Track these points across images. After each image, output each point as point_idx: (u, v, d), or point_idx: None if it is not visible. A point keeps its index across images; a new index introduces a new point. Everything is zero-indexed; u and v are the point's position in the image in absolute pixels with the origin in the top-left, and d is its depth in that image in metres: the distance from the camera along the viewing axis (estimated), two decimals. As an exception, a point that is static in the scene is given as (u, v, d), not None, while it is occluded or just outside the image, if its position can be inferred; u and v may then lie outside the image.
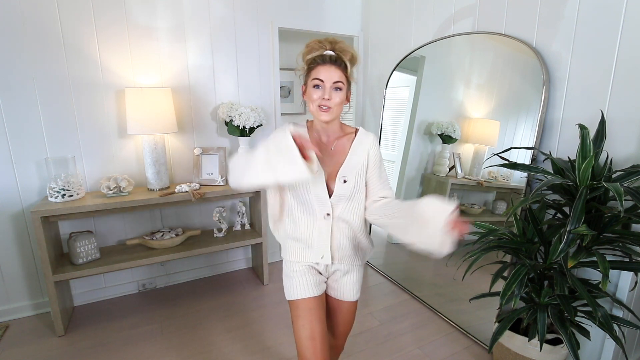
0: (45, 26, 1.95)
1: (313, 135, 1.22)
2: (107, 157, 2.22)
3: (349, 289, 1.28)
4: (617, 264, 1.36)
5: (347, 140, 1.22)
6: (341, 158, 1.19)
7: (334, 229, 1.20)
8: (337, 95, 1.11)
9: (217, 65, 2.44)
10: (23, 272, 2.14)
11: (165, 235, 2.31)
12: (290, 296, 1.22)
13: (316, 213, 1.19)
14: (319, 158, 1.15)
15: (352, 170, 1.18)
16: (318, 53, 1.11)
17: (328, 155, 1.20)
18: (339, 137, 1.22)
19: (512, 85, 1.95)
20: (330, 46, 1.12)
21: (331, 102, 1.10)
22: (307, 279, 1.21)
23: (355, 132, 1.24)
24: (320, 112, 1.12)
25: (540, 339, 1.40)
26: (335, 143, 1.21)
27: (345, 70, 1.12)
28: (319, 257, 1.22)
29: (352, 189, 1.18)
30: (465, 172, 2.21)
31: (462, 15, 2.16)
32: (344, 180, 1.17)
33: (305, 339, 1.15)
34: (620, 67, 1.47)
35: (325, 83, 1.10)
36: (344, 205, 1.19)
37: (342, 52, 1.12)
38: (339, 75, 1.10)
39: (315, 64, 1.11)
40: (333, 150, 1.20)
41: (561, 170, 1.45)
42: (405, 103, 2.61)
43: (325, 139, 1.21)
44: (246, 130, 2.34)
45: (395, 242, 2.76)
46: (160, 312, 2.24)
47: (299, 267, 1.23)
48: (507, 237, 1.61)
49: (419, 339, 2.00)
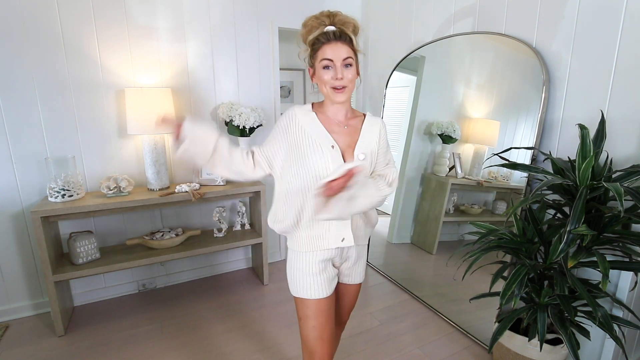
0: (45, 26, 1.95)
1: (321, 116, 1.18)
2: (107, 157, 2.22)
3: (359, 272, 1.28)
4: (617, 264, 1.36)
5: (358, 121, 1.20)
6: (355, 136, 1.17)
7: None
8: (348, 72, 1.07)
9: (217, 65, 2.44)
10: (23, 272, 2.14)
11: (165, 235, 2.31)
12: (300, 294, 1.15)
13: None
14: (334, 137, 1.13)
15: (367, 147, 1.16)
16: (319, 31, 1.06)
17: (342, 134, 1.16)
18: (351, 118, 1.20)
19: (512, 85, 1.95)
20: (329, 20, 1.07)
21: (344, 81, 1.06)
22: (321, 277, 1.14)
23: (363, 116, 1.23)
24: (336, 93, 1.08)
25: (540, 339, 1.40)
26: (348, 122, 1.18)
27: (351, 43, 1.07)
28: (339, 241, 1.15)
29: (369, 165, 1.16)
30: (465, 172, 2.21)
31: (462, 15, 2.16)
32: (362, 157, 1.14)
33: (314, 339, 1.14)
34: (620, 67, 1.47)
35: (334, 62, 1.05)
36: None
37: (343, 25, 1.07)
38: (346, 51, 1.05)
39: (320, 43, 1.06)
40: (346, 129, 1.17)
41: (561, 170, 1.45)
42: (405, 103, 2.61)
43: (339, 119, 1.18)
44: (246, 130, 2.34)
45: (395, 242, 2.76)
46: (160, 312, 2.24)
47: (314, 261, 1.15)
48: (507, 237, 1.61)
49: (419, 339, 2.00)
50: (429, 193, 2.44)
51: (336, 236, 1.15)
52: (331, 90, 1.08)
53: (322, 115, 1.18)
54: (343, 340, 1.96)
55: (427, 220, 2.46)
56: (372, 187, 1.11)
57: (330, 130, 1.16)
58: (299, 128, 1.14)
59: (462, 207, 2.26)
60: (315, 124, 1.15)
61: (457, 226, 2.33)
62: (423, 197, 2.50)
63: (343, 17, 1.08)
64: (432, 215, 2.41)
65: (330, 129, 1.16)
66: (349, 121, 1.18)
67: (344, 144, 1.15)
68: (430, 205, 2.42)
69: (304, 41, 1.11)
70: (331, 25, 1.06)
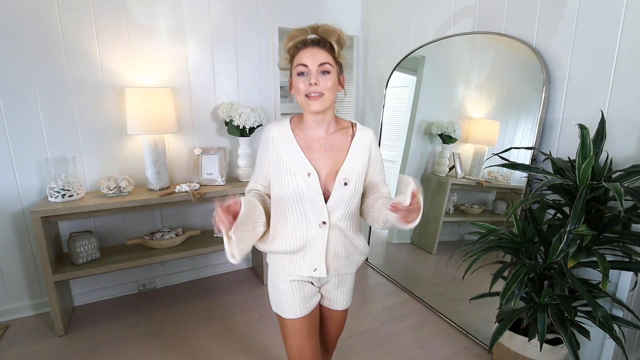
0: (45, 26, 1.95)
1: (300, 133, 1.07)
2: (107, 157, 2.22)
3: (342, 298, 1.19)
4: (617, 264, 1.36)
5: (344, 135, 1.09)
6: (339, 156, 1.06)
7: (330, 238, 1.06)
8: (325, 79, 0.97)
9: (217, 65, 2.44)
10: (23, 272, 2.14)
11: (165, 235, 2.31)
12: (278, 311, 1.12)
13: (310, 222, 1.04)
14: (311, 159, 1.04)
15: (353, 171, 1.05)
16: (299, 39, 0.98)
17: (324, 153, 1.05)
18: (335, 132, 1.08)
19: (512, 85, 1.95)
20: (313, 31, 0.99)
21: (320, 87, 0.96)
22: (295, 297, 1.09)
23: (352, 127, 1.11)
24: (310, 101, 0.97)
25: (540, 339, 1.40)
26: (330, 138, 1.07)
27: (332, 51, 0.99)
28: (311, 271, 1.08)
29: (352, 192, 1.05)
30: (465, 172, 2.21)
31: (462, 15, 2.16)
32: (344, 183, 1.03)
33: (294, 358, 1.11)
34: (620, 67, 1.47)
35: (309, 67, 0.96)
36: (342, 210, 1.04)
37: (327, 34, 0.98)
38: (324, 57, 0.96)
39: (297, 49, 0.99)
40: (329, 147, 1.06)
41: (561, 170, 1.45)
42: (405, 103, 2.61)
43: (319, 134, 1.06)
44: (246, 130, 2.34)
45: (395, 242, 2.76)
46: (160, 312, 2.24)
47: (286, 280, 1.10)
48: (507, 237, 1.61)
49: (419, 339, 2.00)
50: (429, 193, 2.44)
51: (309, 266, 1.08)
52: (305, 99, 0.98)
53: (300, 133, 1.08)
54: (343, 340, 1.96)
55: (427, 220, 2.46)
56: None
57: (309, 149, 1.05)
58: (275, 151, 1.06)
59: (462, 207, 2.26)
60: (291, 145, 1.05)
61: (457, 226, 2.33)
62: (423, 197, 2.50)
63: (328, 27, 1.00)
64: (432, 215, 2.41)
65: (309, 149, 1.05)
66: (332, 136, 1.07)
67: (326, 167, 1.05)
68: (430, 205, 2.42)
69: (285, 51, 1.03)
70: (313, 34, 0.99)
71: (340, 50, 1.02)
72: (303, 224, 1.05)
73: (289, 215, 1.05)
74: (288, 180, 1.03)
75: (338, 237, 1.08)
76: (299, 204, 1.03)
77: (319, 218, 1.04)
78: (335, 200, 1.04)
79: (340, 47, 1.01)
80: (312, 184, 1.02)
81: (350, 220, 1.08)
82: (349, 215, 1.07)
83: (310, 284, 1.14)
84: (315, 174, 1.03)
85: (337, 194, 1.04)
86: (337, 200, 1.04)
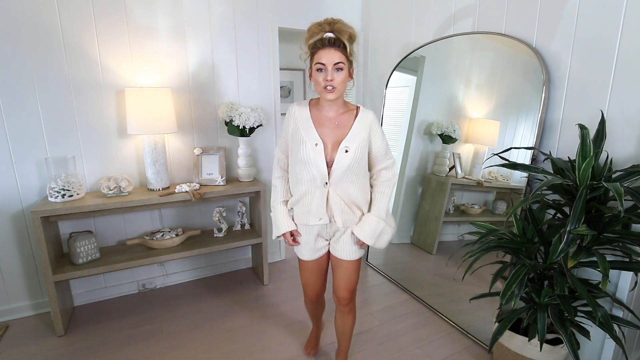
0: (45, 27, 1.95)
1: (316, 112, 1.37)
2: (107, 157, 2.22)
3: (343, 249, 1.45)
4: (617, 264, 1.36)
5: (350, 115, 1.36)
6: (344, 131, 1.34)
7: (331, 196, 1.37)
8: (339, 75, 1.23)
9: (217, 65, 2.44)
10: (23, 272, 2.14)
11: (165, 235, 2.31)
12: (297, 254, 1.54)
13: (317, 181, 1.35)
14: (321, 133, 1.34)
15: (354, 142, 1.32)
16: (318, 37, 1.21)
17: (332, 129, 1.35)
18: (343, 113, 1.36)
19: (512, 85, 1.95)
20: (329, 27, 1.21)
21: (334, 82, 1.22)
22: (308, 245, 1.47)
23: (356, 109, 1.38)
24: (326, 93, 1.24)
25: (540, 339, 1.40)
26: (339, 118, 1.35)
27: (345, 50, 1.22)
28: (318, 220, 1.41)
29: (352, 159, 1.31)
30: (465, 172, 2.21)
31: (462, 15, 2.16)
32: (345, 150, 1.31)
33: (303, 284, 1.60)
34: (620, 67, 1.47)
35: (327, 66, 1.21)
36: (343, 174, 1.33)
37: (340, 33, 1.21)
38: (338, 57, 1.21)
39: (316, 48, 1.22)
40: (337, 124, 1.35)
41: (561, 170, 1.45)
42: (405, 103, 2.61)
43: (330, 115, 1.35)
44: (246, 130, 2.33)
45: (395, 242, 2.76)
46: (160, 312, 2.24)
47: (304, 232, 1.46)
48: (507, 237, 1.61)
49: (419, 339, 2.00)
50: (429, 193, 2.44)
51: (315, 216, 1.40)
52: (323, 90, 1.25)
53: (315, 112, 1.38)
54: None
55: (427, 220, 2.46)
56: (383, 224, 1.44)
57: (320, 125, 1.35)
58: (294, 124, 1.37)
59: (462, 207, 2.26)
60: (307, 120, 1.35)
61: (457, 226, 2.33)
62: (423, 197, 2.50)
63: (342, 25, 1.22)
64: (432, 215, 2.41)
65: (321, 125, 1.35)
66: (341, 117, 1.35)
67: (333, 139, 1.35)
68: (430, 205, 2.42)
69: (306, 44, 1.27)
70: (330, 32, 1.21)
71: (352, 46, 1.25)
72: (310, 183, 1.36)
73: (300, 176, 1.37)
74: (300, 148, 1.34)
75: (339, 194, 1.37)
76: (307, 167, 1.34)
77: (322, 179, 1.35)
78: (337, 165, 1.32)
79: (351, 43, 1.24)
80: (318, 151, 1.32)
81: (354, 185, 1.37)
82: (351, 180, 1.36)
83: (321, 238, 1.48)
84: (322, 144, 1.33)
85: (339, 160, 1.32)
86: (338, 165, 1.32)
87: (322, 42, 1.21)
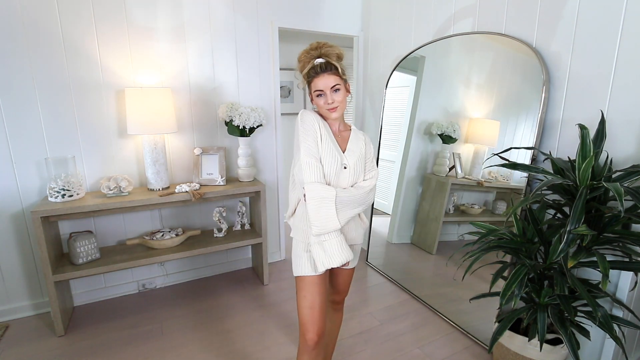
0: (45, 26, 1.95)
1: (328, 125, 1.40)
2: (107, 157, 2.22)
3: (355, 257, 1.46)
4: (617, 264, 1.36)
5: (347, 134, 1.42)
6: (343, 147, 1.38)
7: None
8: (337, 95, 1.30)
9: (217, 65, 2.44)
10: (23, 272, 2.14)
11: (165, 235, 2.31)
12: (297, 272, 1.38)
13: None
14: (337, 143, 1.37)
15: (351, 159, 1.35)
16: (310, 66, 1.27)
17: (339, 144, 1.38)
18: (343, 130, 1.42)
19: (512, 85, 1.95)
20: (317, 52, 1.27)
21: (335, 103, 1.29)
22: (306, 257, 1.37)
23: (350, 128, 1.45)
24: (330, 113, 1.31)
25: (540, 339, 1.40)
26: (341, 134, 1.41)
27: (337, 71, 1.28)
28: None
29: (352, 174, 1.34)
30: (465, 172, 2.21)
31: (462, 15, 2.16)
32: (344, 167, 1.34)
33: (305, 307, 1.33)
34: (620, 67, 1.47)
35: (325, 91, 1.27)
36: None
37: (328, 56, 1.27)
38: (333, 80, 1.27)
39: (311, 77, 1.29)
40: (339, 139, 1.39)
41: (561, 170, 1.45)
42: (405, 103, 2.61)
43: (334, 130, 1.39)
44: (246, 130, 2.34)
45: (395, 242, 2.76)
46: (160, 312, 2.24)
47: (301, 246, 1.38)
48: (507, 237, 1.61)
49: (419, 339, 2.00)
50: (429, 193, 2.44)
51: None
52: (326, 112, 1.31)
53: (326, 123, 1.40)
54: (343, 340, 1.96)
55: (427, 220, 2.46)
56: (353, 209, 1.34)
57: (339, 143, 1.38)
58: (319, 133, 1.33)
59: (462, 207, 2.26)
60: (329, 134, 1.35)
61: (457, 226, 2.33)
62: (423, 197, 2.50)
63: (328, 48, 1.28)
64: (432, 215, 2.41)
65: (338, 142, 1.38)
66: (341, 133, 1.41)
67: None
68: (430, 205, 2.42)
69: (301, 74, 1.33)
70: (319, 58, 1.26)
71: (342, 64, 1.31)
72: None
73: None
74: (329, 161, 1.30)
75: None
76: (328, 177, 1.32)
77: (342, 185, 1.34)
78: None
79: (340, 62, 1.31)
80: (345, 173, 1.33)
81: None
82: None
83: None
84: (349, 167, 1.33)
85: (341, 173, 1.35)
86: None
87: (314, 70, 1.27)
